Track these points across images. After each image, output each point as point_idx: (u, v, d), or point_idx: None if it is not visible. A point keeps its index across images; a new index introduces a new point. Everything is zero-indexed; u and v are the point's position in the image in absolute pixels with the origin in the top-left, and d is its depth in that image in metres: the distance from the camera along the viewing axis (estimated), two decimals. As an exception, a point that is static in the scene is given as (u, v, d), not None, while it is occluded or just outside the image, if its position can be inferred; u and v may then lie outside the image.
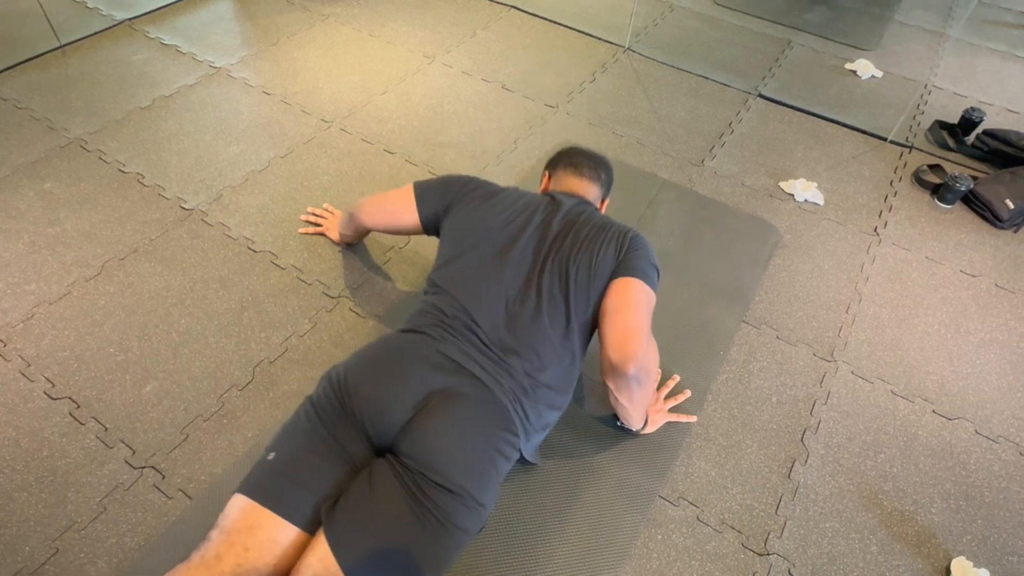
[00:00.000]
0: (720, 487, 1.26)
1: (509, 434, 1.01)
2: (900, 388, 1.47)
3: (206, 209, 1.71)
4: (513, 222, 1.17)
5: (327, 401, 1.00)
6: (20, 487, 1.16)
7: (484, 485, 0.96)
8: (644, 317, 1.09)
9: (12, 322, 1.41)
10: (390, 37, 2.48)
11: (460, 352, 1.04)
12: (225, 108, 2.06)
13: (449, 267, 1.16)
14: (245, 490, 0.92)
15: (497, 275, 1.12)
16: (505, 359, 1.05)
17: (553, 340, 1.09)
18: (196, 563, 0.85)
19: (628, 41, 2.57)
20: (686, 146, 2.10)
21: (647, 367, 1.08)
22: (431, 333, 1.07)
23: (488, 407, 1.01)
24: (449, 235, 1.22)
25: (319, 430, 0.97)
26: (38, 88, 2.05)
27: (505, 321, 1.08)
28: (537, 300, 1.10)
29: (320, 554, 0.85)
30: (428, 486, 0.91)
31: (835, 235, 1.83)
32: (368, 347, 1.08)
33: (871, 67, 2.54)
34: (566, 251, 1.13)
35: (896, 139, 2.21)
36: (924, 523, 1.24)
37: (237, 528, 0.88)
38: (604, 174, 1.36)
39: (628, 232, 1.18)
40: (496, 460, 0.99)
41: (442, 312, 1.10)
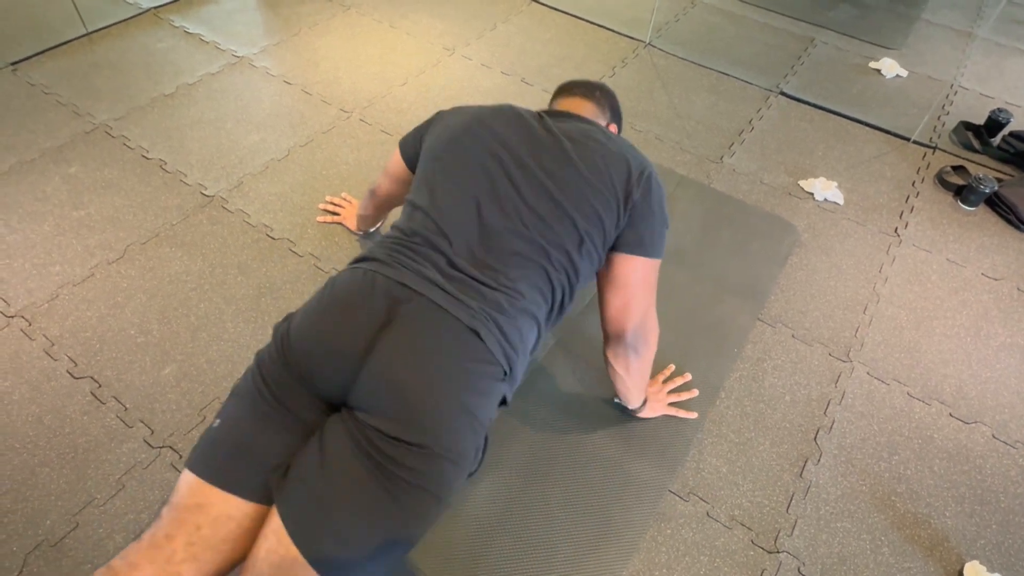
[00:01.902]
0: (731, 483, 1.26)
1: (483, 363, 0.86)
2: (917, 390, 1.45)
3: (226, 196, 1.74)
4: (493, 126, 1.02)
5: (270, 361, 0.88)
6: (42, 462, 1.19)
7: (458, 433, 0.82)
8: (646, 290, 1.06)
9: (37, 302, 1.44)
10: (410, 29, 2.49)
11: (414, 276, 0.88)
12: (247, 97, 2.08)
13: (420, 183, 1.03)
14: (190, 464, 0.84)
15: (474, 182, 0.97)
16: (477, 274, 0.90)
17: (538, 251, 0.94)
18: (147, 543, 0.79)
19: (649, 36, 2.55)
20: (705, 142, 2.08)
21: (645, 336, 1.07)
22: (383, 258, 0.92)
23: (450, 335, 0.84)
24: (424, 155, 1.08)
25: (264, 394, 0.86)
26: (65, 74, 2.09)
27: (479, 231, 0.94)
28: (522, 211, 0.95)
29: (276, 528, 0.78)
30: (385, 443, 0.78)
31: (854, 235, 1.82)
32: (316, 293, 0.93)
33: (896, 66, 2.50)
34: (563, 158, 0.98)
35: (920, 139, 2.17)
36: (937, 526, 1.23)
37: (186, 505, 0.81)
38: (599, 93, 1.21)
39: (644, 169, 1.03)
40: (469, 402, 0.83)
41: (404, 232, 0.96)
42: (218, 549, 0.80)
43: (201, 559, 0.79)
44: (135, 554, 0.79)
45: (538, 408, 1.34)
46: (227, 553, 0.81)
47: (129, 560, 0.78)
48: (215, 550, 0.80)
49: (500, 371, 0.88)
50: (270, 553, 0.77)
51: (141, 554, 0.78)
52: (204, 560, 0.79)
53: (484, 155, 0.99)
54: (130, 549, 0.80)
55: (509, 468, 1.23)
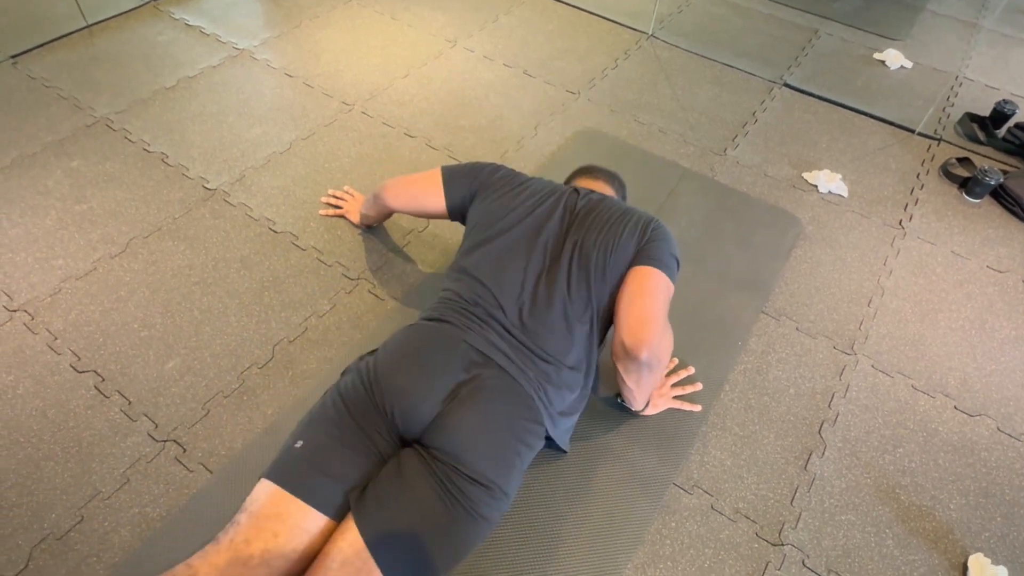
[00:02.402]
0: (735, 476, 1.26)
1: (534, 424, 1.03)
2: (921, 383, 1.45)
3: (228, 190, 1.73)
4: (538, 208, 1.18)
5: (355, 392, 1.01)
6: (47, 456, 1.19)
7: (509, 476, 0.98)
8: (661, 305, 1.09)
9: (40, 296, 1.44)
10: (412, 20, 2.47)
11: (485, 341, 1.05)
12: (248, 89, 2.07)
13: (474, 253, 1.17)
14: (273, 477, 0.93)
15: (520, 260, 1.13)
16: (528, 344, 1.06)
17: (573, 319, 1.09)
18: (226, 546, 0.86)
19: (652, 28, 2.54)
20: (708, 135, 2.07)
21: (659, 354, 1.07)
22: (455, 322, 1.08)
23: (513, 398, 1.02)
24: (475, 222, 1.22)
25: (347, 420, 0.98)
26: (65, 67, 2.08)
27: (529, 305, 1.09)
28: (559, 283, 1.10)
29: (350, 539, 0.87)
30: (458, 478, 0.93)
31: (859, 227, 1.81)
32: (395, 339, 1.09)
33: (901, 57, 2.49)
34: (587, 234, 1.14)
35: (924, 131, 2.16)
36: (942, 519, 1.23)
37: (266, 514, 0.89)
38: (618, 183, 1.41)
39: (651, 220, 1.18)
40: (521, 451, 1.00)
41: (463, 299, 1.11)
42: (288, 558, 0.88)
43: (273, 566, 0.87)
44: (215, 556, 0.85)
45: (542, 401, 1.33)
46: (294, 563, 0.88)
47: (210, 561, 0.85)
48: (286, 559, 0.88)
49: (543, 430, 1.05)
50: (346, 564, 0.85)
51: (221, 556, 0.85)
52: (275, 567, 0.87)
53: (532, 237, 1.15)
54: (209, 550, 0.87)
55: (513, 461, 1.23)
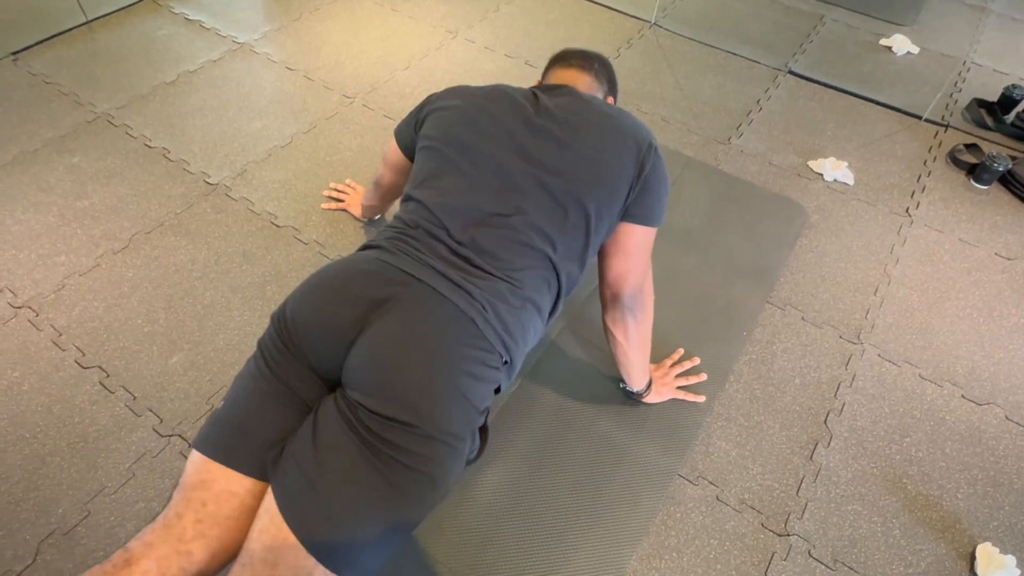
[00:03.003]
0: (740, 467, 1.25)
1: (478, 350, 0.85)
2: (928, 372, 1.43)
3: (230, 184, 1.73)
4: (491, 112, 1.00)
5: (269, 339, 0.90)
6: (53, 452, 1.19)
7: (449, 413, 0.81)
8: (647, 256, 1.08)
9: (44, 293, 1.44)
10: (412, 12, 2.45)
11: (414, 262, 0.88)
12: (248, 83, 2.06)
13: (418, 176, 1.02)
14: (196, 444, 0.86)
15: (472, 173, 0.96)
16: (477, 262, 0.90)
17: (540, 239, 0.93)
18: (159, 524, 0.81)
19: (655, 16, 2.51)
20: (712, 124, 2.05)
21: (642, 300, 1.08)
22: (385, 246, 0.92)
23: (446, 320, 0.84)
24: (420, 146, 1.06)
25: (263, 371, 0.87)
26: (65, 63, 2.07)
27: (479, 220, 0.93)
28: (523, 195, 0.94)
29: (269, 507, 0.78)
30: (373, 420, 0.78)
31: (865, 215, 1.79)
32: (313, 273, 0.93)
33: (907, 43, 2.45)
34: (566, 142, 0.97)
35: (931, 117, 2.13)
36: (949, 508, 1.22)
37: (192, 484, 0.83)
38: (597, 64, 1.18)
39: (650, 143, 1.02)
40: (461, 382, 0.82)
41: (405, 223, 0.96)
42: (224, 526, 0.81)
43: (209, 536, 0.80)
44: (149, 534, 0.81)
45: (547, 393, 1.33)
46: (232, 531, 0.82)
47: (144, 540, 0.80)
48: (221, 527, 0.81)
49: (497, 358, 0.88)
50: (263, 533, 0.77)
51: (155, 534, 0.80)
52: (212, 537, 0.80)
53: (482, 145, 0.98)
54: (145, 530, 0.81)
55: (518, 453, 1.23)
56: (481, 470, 1.20)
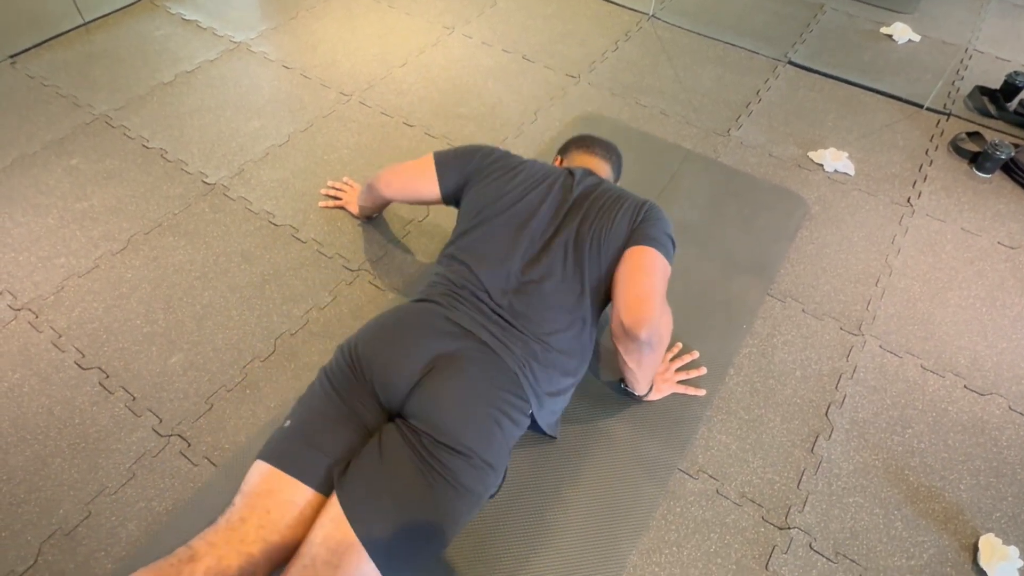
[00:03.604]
0: (741, 460, 1.25)
1: (515, 397, 1.02)
2: (930, 363, 1.42)
3: (228, 184, 1.73)
4: (530, 192, 1.18)
5: (339, 369, 1.03)
6: (54, 453, 1.20)
7: (489, 445, 0.96)
8: (658, 283, 1.08)
9: (44, 294, 1.45)
10: (409, 8, 2.45)
11: (468, 318, 1.05)
12: (245, 83, 2.06)
13: (464, 238, 1.18)
14: (264, 456, 0.96)
15: (511, 244, 1.13)
16: (514, 324, 1.06)
17: (564, 304, 1.10)
18: (223, 526, 0.89)
19: (653, 8, 2.49)
20: (711, 116, 2.04)
21: (659, 332, 1.07)
22: (440, 301, 1.09)
23: (493, 370, 1.01)
24: (467, 207, 1.22)
25: (332, 396, 1.00)
26: (63, 65, 2.08)
27: (515, 287, 1.10)
28: (549, 265, 1.11)
29: (333, 515, 0.88)
30: (433, 446, 0.93)
31: (866, 206, 1.78)
32: (379, 316, 1.11)
33: (908, 31, 2.43)
34: (581, 218, 1.14)
35: (933, 106, 2.11)
36: (952, 499, 1.22)
37: (258, 492, 0.91)
38: (615, 157, 1.40)
39: (645, 203, 1.18)
40: (500, 421, 0.99)
41: (452, 282, 1.12)
42: (282, 533, 0.89)
43: (269, 541, 0.88)
44: (213, 535, 0.87)
45: (545, 389, 1.33)
46: (289, 538, 0.90)
47: (208, 540, 0.87)
48: (280, 533, 0.89)
49: (528, 407, 1.04)
50: (327, 538, 0.86)
51: (218, 535, 0.87)
52: (270, 542, 0.88)
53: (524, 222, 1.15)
54: (208, 531, 0.88)
55: (518, 448, 1.23)
56: (480, 466, 1.20)
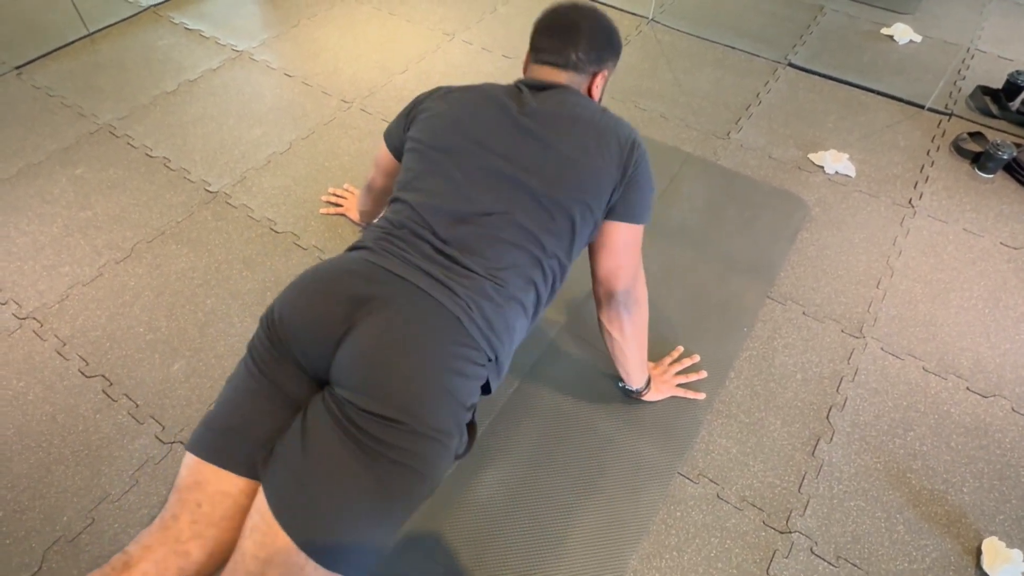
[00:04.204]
0: (741, 464, 1.25)
1: (463, 347, 0.86)
2: (932, 365, 1.42)
3: (230, 191, 1.74)
4: (477, 118, 1.01)
5: (258, 340, 0.91)
6: (57, 460, 1.21)
7: (437, 409, 0.82)
8: (637, 252, 1.08)
9: (48, 303, 1.46)
10: (410, 15, 2.46)
11: (399, 261, 0.89)
12: (248, 91, 2.08)
13: (404, 178, 1.03)
14: (188, 446, 0.88)
15: (457, 171, 0.97)
16: (460, 260, 0.90)
17: (523, 240, 0.94)
18: (156, 526, 0.83)
19: (652, 12, 2.50)
20: (711, 119, 2.04)
21: (636, 296, 1.08)
22: (371, 246, 0.93)
23: (429, 318, 0.85)
24: (408, 149, 1.07)
25: (252, 372, 0.89)
26: (69, 76, 2.10)
27: (464, 217, 0.94)
28: (509, 195, 0.95)
29: (259, 506, 0.79)
30: (361, 417, 0.79)
31: (867, 207, 1.77)
32: (300, 274, 0.94)
33: (909, 31, 2.42)
34: (549, 144, 0.97)
35: (934, 106, 2.11)
36: (955, 502, 1.21)
37: (186, 485, 0.84)
38: (580, 51, 1.06)
39: (633, 142, 1.01)
40: (447, 379, 0.84)
41: (391, 223, 0.97)
42: (219, 526, 0.83)
43: (205, 536, 0.82)
44: (147, 537, 0.82)
45: (546, 393, 1.33)
46: (228, 530, 0.83)
47: (142, 543, 0.82)
48: (216, 527, 0.83)
49: (482, 356, 0.88)
50: (254, 531, 0.78)
51: (152, 536, 0.82)
52: (208, 537, 0.82)
53: (467, 147, 0.98)
54: (143, 533, 0.83)
55: (518, 452, 1.23)
56: (481, 470, 1.21)
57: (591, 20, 1.08)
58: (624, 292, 1.07)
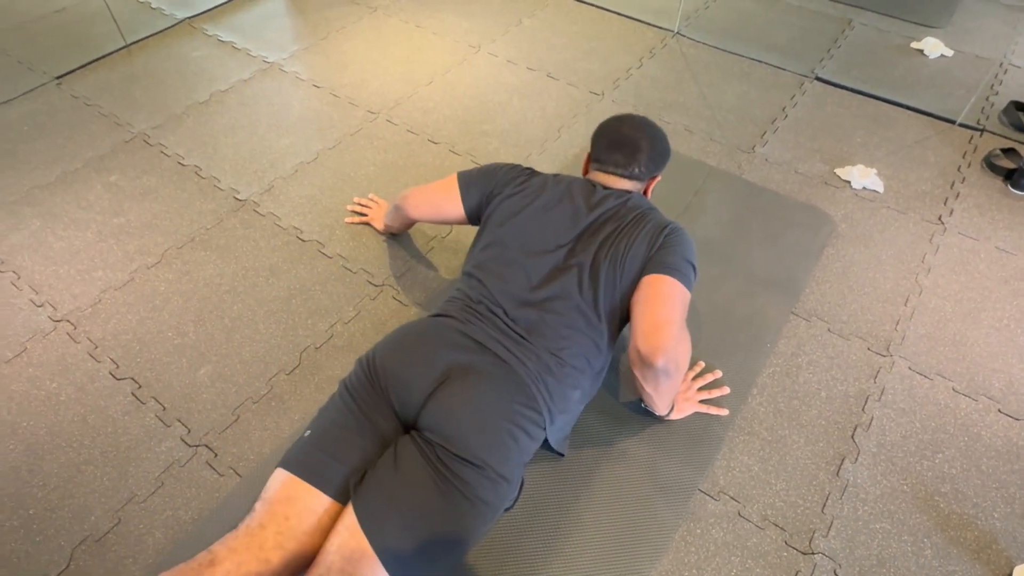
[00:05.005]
0: (763, 483, 1.23)
1: (530, 410, 1.02)
2: (962, 385, 1.39)
3: (258, 200, 1.78)
4: (550, 211, 1.18)
5: (358, 380, 1.06)
6: (87, 461, 1.24)
7: (504, 458, 0.97)
8: (677, 310, 1.07)
9: (82, 306, 1.51)
10: (436, 28, 2.50)
11: (483, 333, 1.07)
12: (277, 102, 2.12)
13: (482, 254, 1.19)
14: (284, 464, 0.98)
15: (527, 261, 1.14)
16: (527, 338, 1.07)
17: (578, 323, 1.09)
18: (243, 532, 0.91)
19: (678, 25, 2.50)
20: (736, 132, 2.03)
21: (676, 360, 1.06)
22: (456, 316, 1.11)
23: (508, 383, 1.02)
24: (488, 224, 1.23)
25: (350, 407, 1.03)
26: (106, 86, 2.17)
27: (530, 302, 1.10)
28: (563, 285, 1.11)
29: (348, 523, 0.90)
30: (448, 458, 0.94)
31: (895, 224, 1.74)
32: (398, 329, 1.13)
33: (940, 46, 2.39)
34: (601, 239, 1.14)
35: (966, 122, 2.07)
36: (985, 528, 1.18)
37: (277, 499, 0.94)
38: (642, 166, 1.22)
39: (666, 227, 1.15)
40: (516, 434, 0.99)
41: (468, 297, 1.14)
42: (300, 540, 0.91)
43: (286, 547, 0.90)
44: (233, 540, 0.90)
45: (564, 406, 1.33)
46: (306, 545, 0.92)
47: (228, 545, 0.89)
48: (297, 540, 0.91)
49: (543, 420, 1.04)
50: (342, 547, 0.88)
51: (238, 540, 0.90)
52: (288, 549, 0.90)
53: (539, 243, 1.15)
54: (228, 537, 0.91)
55: (538, 466, 1.23)
56: (499, 483, 1.21)
57: (650, 139, 1.24)
58: (664, 362, 1.02)
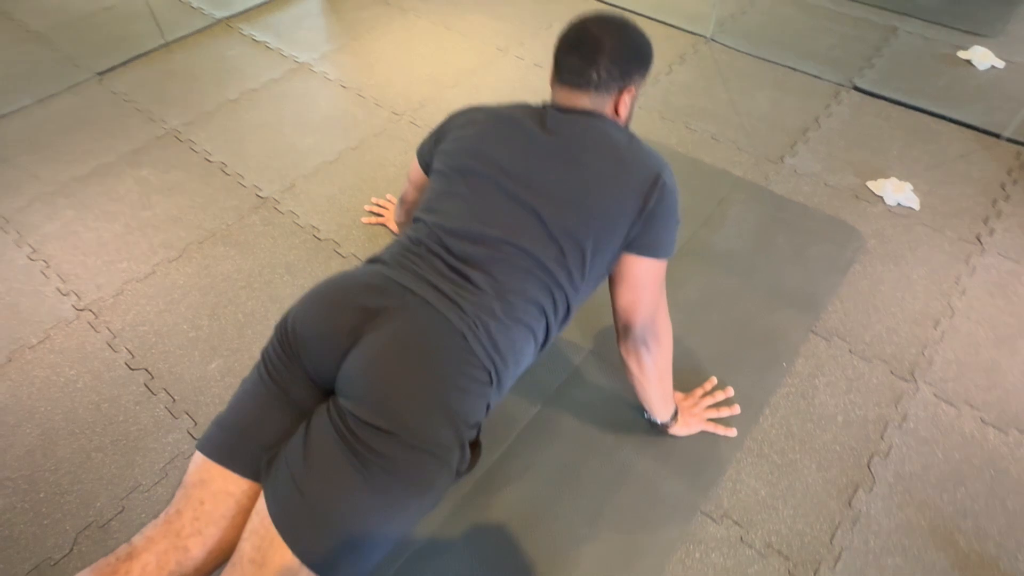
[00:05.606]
0: (769, 508, 1.18)
1: (466, 364, 0.86)
2: (992, 416, 1.31)
3: (279, 197, 1.80)
4: (500, 142, 1.00)
5: (272, 347, 0.93)
6: (97, 448, 1.27)
7: (436, 424, 0.82)
8: (658, 287, 1.04)
9: (104, 297, 1.55)
10: (465, 30, 2.50)
11: (411, 276, 0.90)
12: (305, 101, 2.15)
13: (428, 195, 1.04)
14: (197, 445, 0.91)
15: (473, 196, 0.97)
16: (471, 278, 0.90)
17: (534, 266, 0.92)
18: (161, 520, 0.86)
19: (711, 31, 2.44)
20: (765, 142, 1.97)
21: (655, 332, 1.04)
22: (386, 260, 0.95)
23: (436, 333, 0.85)
24: (435, 168, 1.07)
25: (264, 378, 0.91)
26: (143, 82, 2.23)
27: (476, 239, 0.93)
28: (521, 222, 0.93)
29: (259, 508, 0.81)
30: (358, 426, 0.80)
31: (929, 242, 1.66)
32: (317, 284, 0.96)
33: (990, 56, 2.27)
34: (556, 176, 0.95)
35: (1014, 136, 1.96)
36: (1007, 570, 1.10)
37: (192, 483, 0.87)
38: (602, 69, 0.98)
39: (657, 181, 0.96)
40: (450, 395, 0.84)
41: (409, 240, 0.97)
42: (219, 524, 0.85)
43: (205, 533, 0.84)
44: (151, 530, 0.85)
45: (569, 418, 1.30)
46: (228, 530, 0.85)
47: (146, 535, 0.85)
48: (217, 525, 0.85)
49: (484, 374, 0.88)
50: (253, 533, 0.80)
51: (156, 529, 0.85)
52: (208, 535, 0.84)
53: (487, 172, 0.98)
54: (148, 526, 0.86)
55: (535, 476, 1.21)
56: (497, 492, 1.19)
57: (616, 33, 1.00)
58: (642, 327, 1.04)
